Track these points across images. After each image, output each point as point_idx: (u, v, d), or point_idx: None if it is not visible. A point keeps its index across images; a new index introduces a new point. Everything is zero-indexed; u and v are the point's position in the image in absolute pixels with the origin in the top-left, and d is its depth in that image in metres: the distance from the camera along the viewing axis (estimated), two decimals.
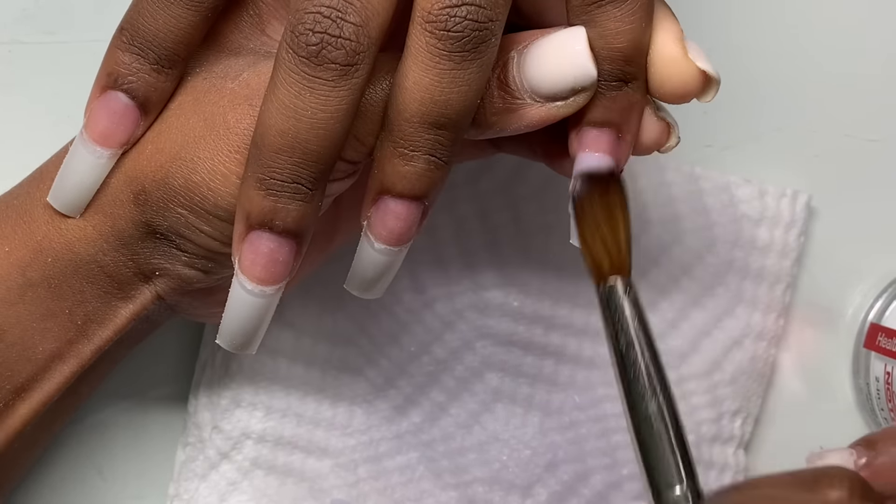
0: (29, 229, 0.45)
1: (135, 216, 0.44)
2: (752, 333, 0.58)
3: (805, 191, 0.59)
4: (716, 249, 0.57)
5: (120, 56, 0.43)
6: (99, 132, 0.44)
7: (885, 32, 0.60)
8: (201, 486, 0.54)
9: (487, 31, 0.39)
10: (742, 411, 0.58)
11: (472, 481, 0.55)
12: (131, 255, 0.45)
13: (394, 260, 0.44)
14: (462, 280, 0.56)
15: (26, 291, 0.45)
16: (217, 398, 0.54)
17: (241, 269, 0.42)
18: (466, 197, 0.56)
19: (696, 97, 0.44)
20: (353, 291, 0.45)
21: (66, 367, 0.46)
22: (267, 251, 0.41)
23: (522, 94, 0.42)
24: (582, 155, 0.43)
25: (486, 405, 0.56)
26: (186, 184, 0.43)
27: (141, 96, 0.43)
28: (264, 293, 0.42)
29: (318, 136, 0.39)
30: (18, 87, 0.55)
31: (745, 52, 0.59)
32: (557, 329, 0.56)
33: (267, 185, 0.40)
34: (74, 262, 0.45)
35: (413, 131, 0.40)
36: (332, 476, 0.55)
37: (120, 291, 0.46)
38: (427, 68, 0.39)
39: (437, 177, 0.41)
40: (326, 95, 0.39)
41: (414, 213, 0.42)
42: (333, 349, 0.55)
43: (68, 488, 0.55)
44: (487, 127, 0.42)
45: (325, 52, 0.39)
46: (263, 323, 0.44)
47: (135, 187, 0.44)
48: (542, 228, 0.56)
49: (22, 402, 0.46)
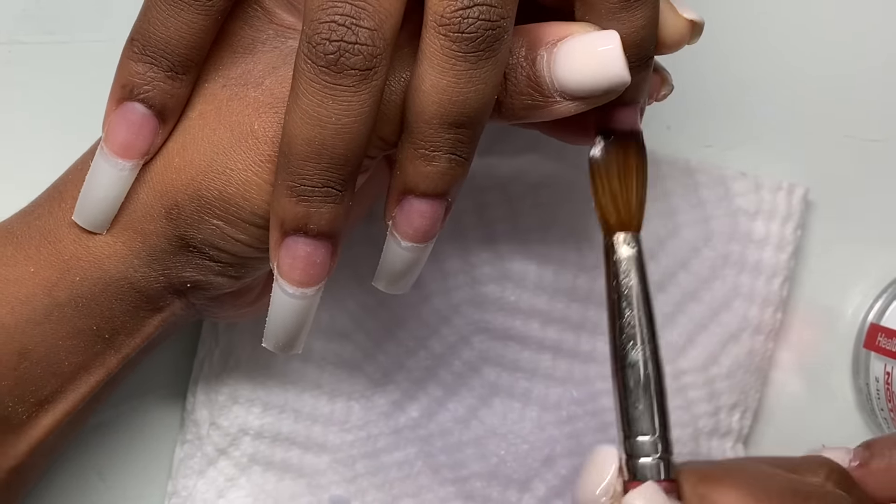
0: (55, 249, 0.45)
1: (167, 231, 0.44)
2: (749, 327, 0.58)
3: (801, 184, 0.59)
4: (712, 243, 0.57)
5: (133, 66, 0.43)
6: (119, 144, 0.43)
7: (885, 32, 0.60)
8: (199, 482, 0.54)
9: (500, 28, 0.40)
10: (740, 405, 0.58)
11: (469, 476, 0.55)
12: (163, 270, 0.45)
13: (420, 255, 0.44)
14: (459, 275, 0.56)
15: (52, 311, 0.45)
16: (215, 395, 0.54)
17: (281, 275, 0.42)
18: (463, 192, 0.55)
19: (686, 44, 0.45)
20: (380, 287, 0.46)
21: (92, 378, 0.46)
22: (304, 255, 0.42)
23: (552, 92, 0.42)
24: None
25: (484, 400, 0.56)
26: (221, 195, 0.43)
27: (158, 104, 0.43)
28: (305, 295, 0.43)
29: (344, 140, 0.40)
30: (18, 87, 0.55)
31: (745, 52, 0.59)
32: (554, 323, 0.56)
33: (298, 191, 0.41)
34: (104, 280, 0.45)
35: (433, 132, 0.41)
36: (329, 471, 0.55)
37: (149, 304, 0.46)
38: (444, 70, 0.40)
39: (458, 173, 0.42)
40: (349, 101, 0.39)
41: (438, 210, 0.43)
42: (330, 345, 0.55)
43: (67, 489, 0.55)
44: (515, 119, 0.43)
45: (343, 59, 0.39)
46: (307, 323, 0.44)
47: (166, 202, 0.44)
48: (539, 223, 0.56)
49: (46, 413, 0.46)
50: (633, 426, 0.41)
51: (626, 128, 0.44)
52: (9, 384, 0.45)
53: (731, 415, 0.57)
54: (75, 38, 0.55)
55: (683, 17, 0.44)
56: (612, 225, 0.43)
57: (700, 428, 0.57)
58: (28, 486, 0.50)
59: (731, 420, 0.57)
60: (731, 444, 0.58)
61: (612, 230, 0.43)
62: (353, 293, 0.55)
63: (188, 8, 0.42)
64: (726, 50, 0.59)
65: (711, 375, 0.57)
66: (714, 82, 0.58)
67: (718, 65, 0.58)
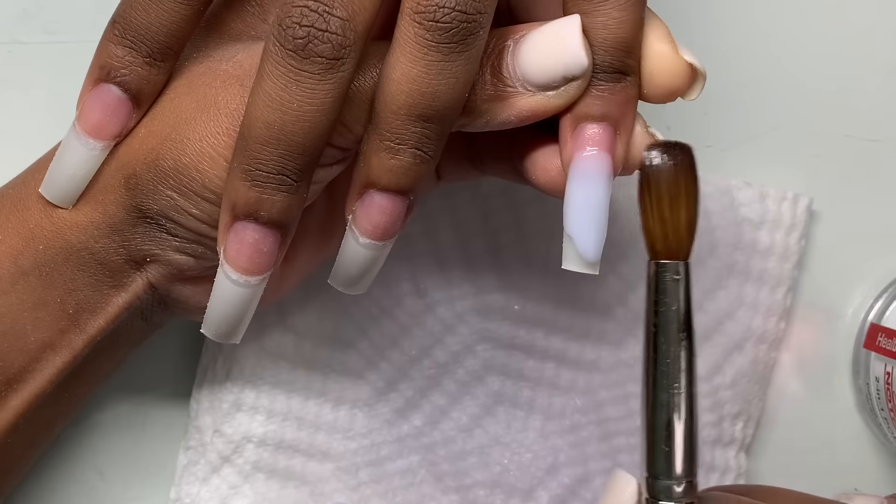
0: (22, 217, 0.45)
1: (125, 200, 0.44)
2: (753, 337, 0.58)
3: (805, 191, 0.59)
4: (717, 253, 0.57)
5: (112, 49, 0.43)
6: (92, 125, 0.44)
7: (885, 33, 0.60)
8: (203, 489, 0.54)
9: (476, 23, 0.39)
10: (743, 414, 0.58)
11: (473, 485, 0.55)
12: (122, 242, 0.45)
13: (378, 255, 0.44)
14: (463, 284, 0.56)
15: (18, 280, 0.45)
16: (219, 402, 0.54)
17: (226, 259, 0.42)
18: (467, 200, 0.56)
19: (682, 94, 0.43)
20: (337, 287, 0.45)
21: (58, 358, 0.46)
22: (252, 241, 0.42)
23: (514, 81, 0.42)
24: (578, 155, 0.42)
25: (488, 409, 0.56)
26: (176, 165, 0.43)
27: (133, 89, 0.43)
28: (249, 283, 0.43)
29: (304, 128, 0.39)
30: (18, 87, 0.55)
31: (745, 52, 0.59)
32: (559, 332, 0.56)
33: (252, 175, 0.40)
34: (66, 250, 0.45)
35: (400, 124, 0.40)
36: (333, 480, 0.55)
37: (111, 279, 0.46)
38: (415, 59, 0.39)
39: (422, 171, 0.41)
40: (312, 88, 0.39)
41: (399, 208, 0.42)
42: (334, 353, 0.55)
43: (68, 489, 0.55)
44: (478, 115, 0.42)
45: (311, 45, 0.39)
46: (248, 313, 0.44)
47: (126, 171, 0.44)
48: (544, 232, 0.56)
49: (15, 393, 0.46)
50: (656, 466, 0.40)
51: (597, 151, 0.42)
52: None
53: (735, 424, 0.58)
54: (75, 38, 0.55)
55: (683, 58, 0.43)
56: (659, 251, 0.41)
57: (703, 437, 0.57)
58: (9, 481, 0.50)
59: (735, 429, 0.58)
60: (734, 453, 0.58)
61: (659, 256, 0.41)
62: (358, 301, 0.55)
63: None
64: (726, 49, 0.59)
65: (715, 385, 0.57)
66: (714, 82, 0.57)
67: (718, 65, 0.58)
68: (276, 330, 0.54)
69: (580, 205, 0.42)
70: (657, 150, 0.41)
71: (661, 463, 0.40)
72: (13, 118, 0.54)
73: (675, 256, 0.41)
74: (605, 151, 0.42)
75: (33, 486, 0.54)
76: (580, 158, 0.42)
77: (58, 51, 0.55)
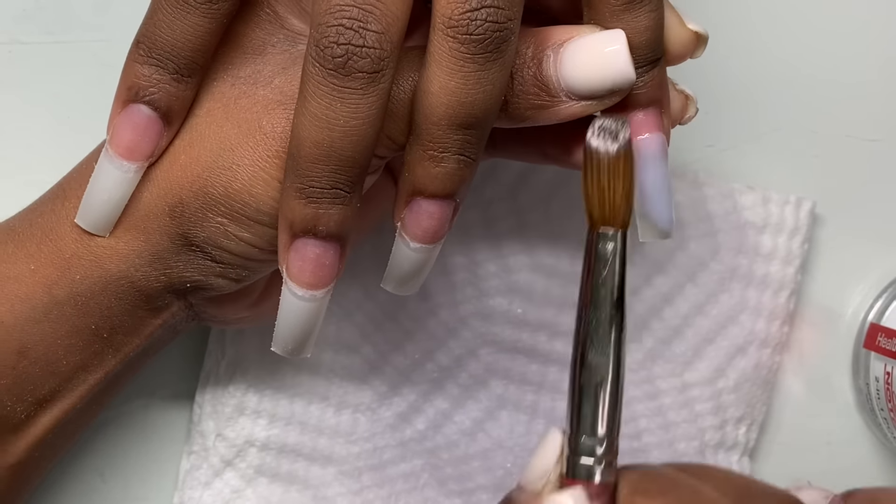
0: (56, 247, 0.45)
1: (170, 229, 0.44)
2: (756, 341, 0.58)
3: (805, 191, 0.59)
4: (720, 256, 0.57)
5: (139, 69, 0.43)
6: (124, 146, 0.43)
7: (885, 33, 0.60)
8: (205, 493, 0.54)
9: (507, 30, 0.40)
10: (746, 418, 0.58)
11: (476, 489, 0.55)
12: (164, 270, 0.45)
13: (429, 256, 0.44)
14: (466, 288, 0.56)
15: (52, 310, 0.45)
16: (221, 406, 0.54)
17: (290, 277, 0.43)
18: (471, 204, 0.56)
19: (689, 57, 0.46)
20: (389, 289, 0.46)
21: (90, 377, 0.46)
22: (314, 256, 0.42)
23: (559, 92, 0.42)
24: (637, 141, 0.44)
25: (491, 412, 0.56)
26: (226, 191, 0.43)
27: (164, 107, 0.43)
28: (314, 297, 0.43)
29: (353, 142, 0.40)
30: (18, 87, 0.54)
31: (745, 52, 0.59)
32: (561, 336, 0.56)
33: (307, 193, 0.41)
34: (104, 279, 0.45)
35: (442, 134, 0.41)
36: (336, 484, 0.55)
37: (148, 304, 0.46)
38: (452, 72, 0.40)
39: (466, 174, 0.42)
40: (357, 103, 0.39)
41: (446, 212, 0.43)
42: (337, 357, 0.55)
43: (71, 492, 0.55)
44: (521, 120, 0.43)
45: (351, 62, 0.39)
46: (316, 326, 0.44)
47: (170, 199, 0.44)
48: (546, 236, 0.56)
49: (45, 412, 0.46)
50: (579, 425, 0.41)
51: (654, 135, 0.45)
52: (7, 383, 0.45)
53: (738, 428, 0.58)
54: (75, 38, 0.54)
55: (689, 28, 0.45)
56: (596, 219, 0.42)
57: (706, 441, 0.57)
58: (30, 486, 0.50)
59: (738, 433, 0.58)
60: (737, 457, 0.58)
61: (596, 224, 0.42)
62: (361, 305, 0.55)
63: (194, 11, 0.42)
64: (726, 49, 0.58)
65: (718, 388, 0.57)
66: (714, 82, 0.58)
67: (718, 64, 0.58)
68: None
69: (652, 182, 0.45)
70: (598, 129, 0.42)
71: (586, 423, 0.41)
72: (13, 118, 0.54)
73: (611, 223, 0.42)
74: (659, 132, 0.44)
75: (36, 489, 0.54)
76: (641, 142, 0.44)
77: (58, 51, 0.54)
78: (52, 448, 0.48)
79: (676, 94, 0.46)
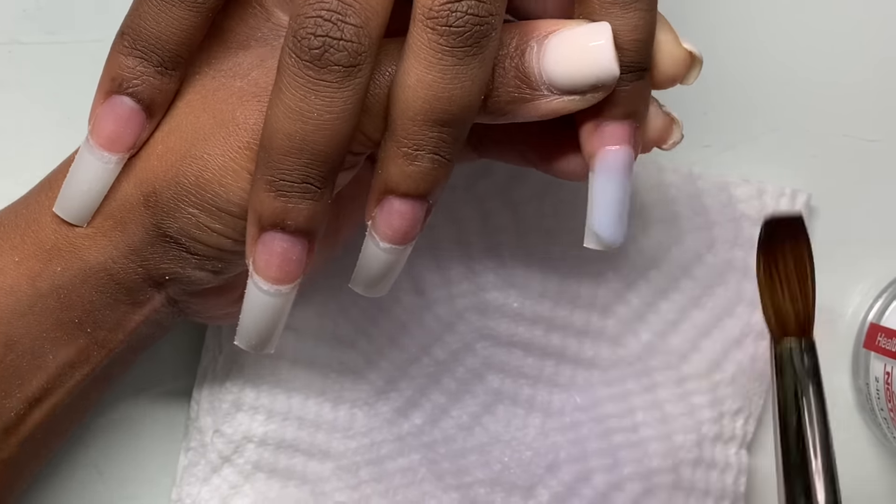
0: (37, 238, 0.45)
1: (145, 219, 0.44)
2: (752, 333, 0.58)
3: (804, 190, 0.59)
4: (715, 249, 0.57)
5: (123, 60, 0.43)
6: (105, 137, 0.43)
7: (882, 32, 0.60)
8: (203, 489, 0.54)
9: (488, 25, 0.39)
10: (743, 411, 0.58)
11: (473, 483, 0.55)
12: (141, 262, 0.45)
13: (399, 258, 0.44)
14: (462, 282, 0.56)
15: (36, 302, 0.45)
16: (219, 402, 0.54)
17: (256, 271, 0.42)
18: (466, 199, 0.56)
19: (682, 79, 0.44)
20: (358, 290, 0.45)
21: (77, 373, 0.46)
22: (281, 251, 0.42)
23: (540, 85, 0.42)
24: (602, 150, 0.43)
25: (488, 407, 0.56)
26: (198, 181, 0.43)
27: (146, 99, 0.43)
28: (280, 292, 0.43)
29: (326, 136, 0.40)
30: (18, 87, 0.55)
31: (743, 52, 0.59)
32: (558, 330, 0.56)
33: (277, 186, 0.40)
34: (84, 271, 0.45)
35: (417, 130, 0.40)
36: (333, 479, 0.55)
37: (129, 298, 0.46)
38: (430, 65, 0.40)
39: (440, 175, 0.42)
40: (331, 97, 0.39)
41: (418, 212, 0.42)
42: (334, 352, 0.55)
43: (67, 488, 0.55)
44: (500, 114, 0.42)
45: (327, 55, 0.39)
46: (280, 322, 0.44)
47: (145, 189, 0.44)
48: (542, 230, 0.56)
49: (33, 408, 0.46)
50: None
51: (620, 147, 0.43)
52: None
53: (735, 420, 0.58)
54: (75, 38, 0.55)
55: (684, 47, 0.44)
56: (791, 329, 0.42)
57: (704, 433, 0.57)
58: (21, 481, 0.50)
59: (735, 425, 0.57)
60: (734, 449, 0.58)
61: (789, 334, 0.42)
62: (357, 301, 0.55)
63: (180, 4, 0.42)
64: (725, 50, 0.59)
65: (715, 381, 0.57)
66: (713, 82, 0.58)
67: (717, 65, 0.58)
68: None
69: (607, 197, 0.43)
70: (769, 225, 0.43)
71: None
72: (13, 118, 0.54)
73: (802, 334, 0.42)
74: (628, 146, 0.43)
75: (33, 485, 0.54)
76: (605, 153, 0.43)
77: (58, 51, 0.55)
78: (43, 444, 0.48)
79: (661, 116, 0.45)
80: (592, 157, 0.43)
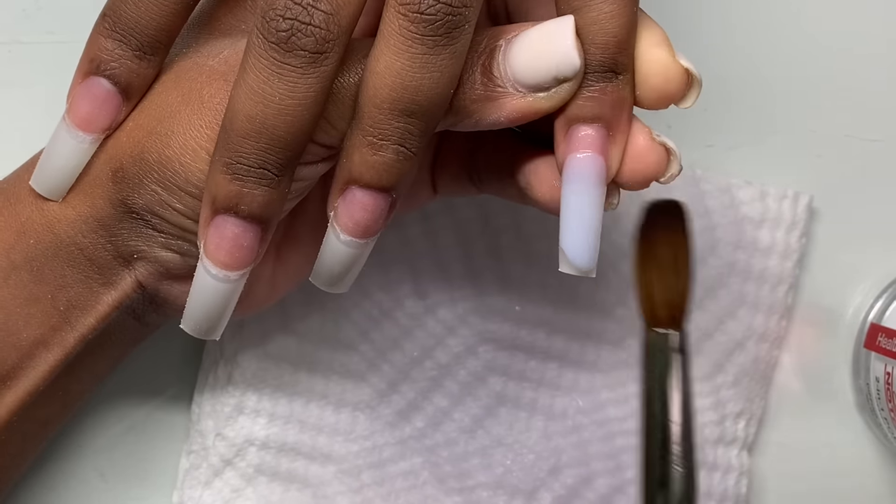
0: (14, 210, 0.45)
1: (112, 194, 0.44)
2: (754, 335, 0.58)
3: (806, 191, 0.59)
4: (717, 251, 0.57)
5: (102, 42, 0.43)
6: (81, 117, 0.44)
7: (885, 33, 0.60)
8: (205, 493, 0.54)
9: (461, 16, 0.39)
10: (745, 413, 0.58)
11: (475, 486, 0.55)
12: (109, 237, 0.45)
13: (360, 253, 0.43)
14: (464, 285, 0.56)
15: (10, 275, 0.45)
16: (220, 406, 0.54)
17: (206, 254, 0.42)
18: (467, 201, 0.56)
19: (677, 100, 0.43)
20: (318, 285, 0.45)
21: (50, 355, 0.46)
22: (232, 236, 0.41)
23: (504, 82, 0.41)
24: (570, 157, 0.42)
25: (490, 410, 0.56)
26: (160, 158, 0.43)
27: (123, 82, 0.43)
28: (228, 278, 0.42)
29: (286, 122, 0.39)
30: (18, 87, 0.55)
31: (745, 52, 0.59)
32: (560, 333, 0.56)
33: (233, 169, 0.40)
34: (55, 244, 0.45)
35: (383, 118, 0.40)
36: (335, 482, 0.55)
37: (101, 276, 0.45)
38: (399, 52, 0.39)
39: (405, 168, 0.41)
40: (294, 82, 0.39)
41: (381, 205, 0.42)
42: (336, 355, 0.55)
43: (70, 491, 0.55)
44: (466, 115, 0.42)
45: (294, 38, 0.39)
46: (228, 308, 0.44)
47: (113, 164, 0.44)
48: (544, 233, 0.56)
49: (8, 390, 0.46)
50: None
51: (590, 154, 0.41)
52: None
53: (737, 423, 0.58)
54: (75, 38, 0.54)
55: (679, 62, 0.42)
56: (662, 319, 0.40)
57: (706, 436, 0.57)
58: (4, 473, 0.50)
59: (737, 428, 0.58)
60: (736, 451, 0.58)
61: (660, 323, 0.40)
62: (358, 304, 0.55)
63: None
64: (727, 50, 0.59)
65: (717, 384, 0.57)
66: (715, 82, 0.58)
67: (719, 65, 0.58)
68: (277, 333, 0.54)
69: (574, 207, 0.41)
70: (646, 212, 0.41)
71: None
72: (13, 118, 0.54)
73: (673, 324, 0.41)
74: (598, 154, 0.42)
75: (33, 485, 0.54)
76: (572, 160, 0.42)
77: (58, 51, 0.55)
78: (23, 436, 0.48)
79: (655, 147, 0.43)
80: (561, 166, 0.42)
